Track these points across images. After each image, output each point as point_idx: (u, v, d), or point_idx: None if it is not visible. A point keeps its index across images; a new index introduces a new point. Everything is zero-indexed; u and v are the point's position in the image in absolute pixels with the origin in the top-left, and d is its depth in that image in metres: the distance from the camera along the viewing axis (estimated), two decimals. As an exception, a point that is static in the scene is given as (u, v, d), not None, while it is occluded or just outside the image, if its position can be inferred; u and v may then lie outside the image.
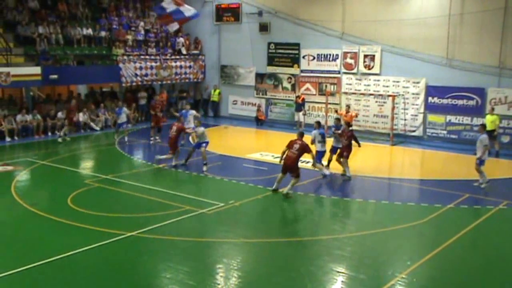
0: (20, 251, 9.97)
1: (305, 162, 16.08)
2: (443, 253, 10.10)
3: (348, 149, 15.63)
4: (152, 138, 20.92)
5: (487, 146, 14.53)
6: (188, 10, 23.83)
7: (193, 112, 19.84)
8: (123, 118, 21.23)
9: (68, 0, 25.88)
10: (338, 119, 17.47)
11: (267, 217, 12.59)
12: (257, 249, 10.48)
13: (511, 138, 19.99)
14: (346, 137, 15.61)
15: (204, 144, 16.44)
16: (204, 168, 15.98)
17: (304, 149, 13.70)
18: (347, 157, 15.53)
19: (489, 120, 18.63)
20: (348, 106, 22.12)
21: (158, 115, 21.05)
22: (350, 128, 16.75)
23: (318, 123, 16.18)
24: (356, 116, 21.91)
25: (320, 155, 15.58)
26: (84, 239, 10.29)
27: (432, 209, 12.63)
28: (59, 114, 22.50)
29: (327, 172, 15.74)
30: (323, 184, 15.24)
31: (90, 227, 11.02)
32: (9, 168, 16.51)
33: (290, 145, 13.78)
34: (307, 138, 14.77)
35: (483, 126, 15.82)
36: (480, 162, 14.57)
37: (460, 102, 21.00)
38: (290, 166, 13.70)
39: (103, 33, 25.34)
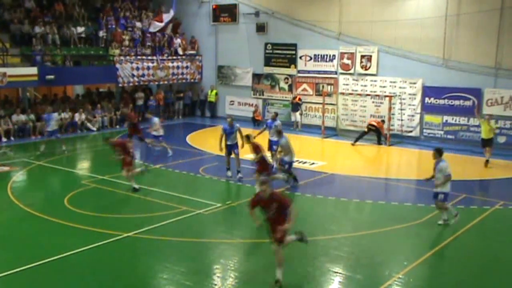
0: (16, 252, 9.95)
1: (302, 162, 16.07)
2: (440, 254, 10.13)
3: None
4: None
5: (449, 176, 11.45)
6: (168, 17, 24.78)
7: (279, 123, 16.73)
8: (53, 126, 19.04)
9: (65, 0, 25.86)
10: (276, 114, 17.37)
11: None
12: (254, 249, 10.48)
13: (507, 139, 20.03)
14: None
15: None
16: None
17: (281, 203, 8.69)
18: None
19: (487, 129, 17.34)
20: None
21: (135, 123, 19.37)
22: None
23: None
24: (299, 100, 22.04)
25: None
26: (81, 240, 10.27)
27: (428, 209, 12.64)
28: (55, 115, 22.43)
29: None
30: (319, 185, 15.24)
31: (86, 228, 11.00)
32: (5, 168, 16.47)
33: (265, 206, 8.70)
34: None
35: (438, 151, 11.87)
36: (445, 197, 11.54)
37: (456, 102, 21.05)
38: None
39: (100, 33, 25.31)
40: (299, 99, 24.58)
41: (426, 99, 21.72)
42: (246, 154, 15.80)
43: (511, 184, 15.68)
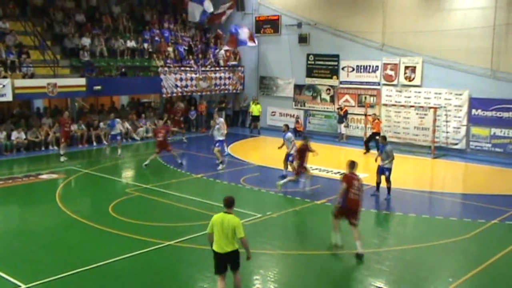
0: (62, 258, 10.25)
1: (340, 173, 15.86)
2: (487, 271, 9.77)
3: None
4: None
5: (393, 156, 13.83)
6: (244, 35, 25.56)
7: (289, 135, 17.15)
8: (116, 130, 20.33)
9: (113, 14, 26.70)
10: (384, 137, 15.33)
11: (304, 229, 12.50)
12: (293, 261, 10.41)
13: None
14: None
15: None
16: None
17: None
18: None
19: None
20: (374, 114, 21.82)
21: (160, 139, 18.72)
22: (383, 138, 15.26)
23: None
24: (380, 122, 21.48)
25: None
26: (124, 247, 10.49)
27: (475, 224, 12.26)
28: (101, 125, 23.13)
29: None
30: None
31: (130, 235, 11.22)
32: (54, 176, 17.04)
33: (350, 183, 10.29)
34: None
35: (383, 138, 14.89)
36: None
37: (505, 114, 20.37)
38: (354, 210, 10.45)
39: (145, 45, 25.96)
40: (345, 111, 24.38)
41: (473, 110, 21.13)
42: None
43: None
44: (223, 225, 7.97)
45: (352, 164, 10.76)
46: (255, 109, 26.95)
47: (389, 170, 14.59)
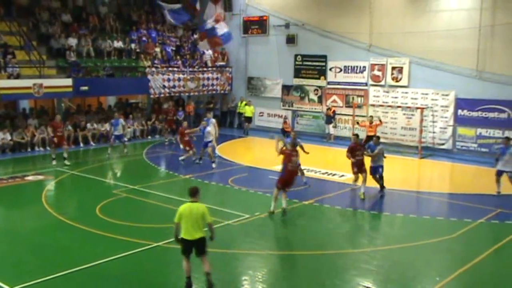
0: (49, 259, 10.15)
1: (331, 174, 15.98)
2: (474, 270, 9.85)
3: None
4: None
5: None
6: (222, 28, 25.01)
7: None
8: (119, 130, 20.26)
9: (100, 14, 26.53)
10: (356, 135, 15.89)
11: (293, 230, 12.52)
12: (282, 261, 10.43)
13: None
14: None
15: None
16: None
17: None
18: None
19: None
20: (371, 117, 21.93)
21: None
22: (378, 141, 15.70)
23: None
24: (381, 124, 21.66)
25: None
26: (111, 249, 10.42)
27: (462, 224, 12.37)
28: (88, 125, 22.99)
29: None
30: (349, 197, 15.09)
31: (117, 237, 11.16)
32: (40, 177, 16.88)
33: (288, 158, 12.90)
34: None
35: (508, 138, 15.48)
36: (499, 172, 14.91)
37: (491, 115, 20.59)
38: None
39: (133, 46, 25.83)
40: (333, 111, 24.46)
41: (459, 111, 21.33)
42: (274, 165, 15.78)
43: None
44: (191, 214, 8.51)
45: (293, 144, 13.76)
46: (248, 110, 26.90)
47: (382, 167, 14.97)
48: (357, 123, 22.64)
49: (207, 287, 8.63)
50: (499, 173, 15.00)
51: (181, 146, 19.75)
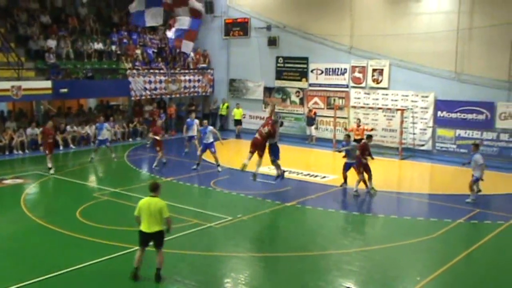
0: (29, 264, 10.00)
1: (313, 176, 16.07)
2: (454, 269, 9.99)
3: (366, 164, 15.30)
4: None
5: (482, 165, 14.41)
6: (184, 23, 23.61)
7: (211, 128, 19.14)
8: (104, 135, 19.86)
9: (79, 15, 26.25)
10: (348, 136, 16.82)
11: (275, 231, 12.54)
12: (265, 263, 10.43)
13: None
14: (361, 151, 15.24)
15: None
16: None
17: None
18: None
19: None
20: (358, 120, 22.10)
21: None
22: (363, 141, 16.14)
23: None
24: (370, 130, 21.71)
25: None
26: (92, 252, 10.30)
27: (441, 224, 12.52)
28: (68, 128, 22.72)
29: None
30: (331, 198, 15.17)
31: (98, 240, 11.04)
32: (19, 181, 16.62)
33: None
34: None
35: (476, 145, 15.08)
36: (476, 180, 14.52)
37: (469, 116, 20.91)
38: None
39: (113, 48, 25.61)
40: (314, 113, 24.57)
41: (439, 112, 21.61)
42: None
43: (525, 198, 15.48)
44: (150, 208, 8.92)
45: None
46: (237, 113, 26.77)
47: (353, 164, 15.57)
48: (345, 128, 22.65)
49: (155, 280, 9.03)
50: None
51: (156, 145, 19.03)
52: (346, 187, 15.84)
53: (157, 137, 18.62)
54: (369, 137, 16.19)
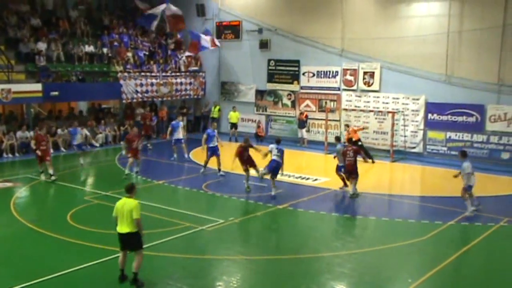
0: (19, 268, 9.92)
1: (305, 178, 16.10)
2: (445, 271, 10.04)
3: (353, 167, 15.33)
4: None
5: (469, 174, 13.43)
6: (205, 41, 25.04)
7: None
8: (78, 140, 19.46)
9: (70, 18, 26.13)
10: (337, 138, 17.06)
11: (267, 234, 12.53)
12: (257, 266, 10.41)
13: (511, 155, 19.96)
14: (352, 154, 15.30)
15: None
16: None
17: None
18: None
19: None
20: (346, 125, 22.14)
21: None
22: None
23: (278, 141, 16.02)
24: (362, 129, 21.90)
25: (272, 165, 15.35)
26: (83, 256, 10.24)
27: (432, 226, 12.58)
28: (59, 131, 22.59)
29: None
30: (323, 201, 15.19)
31: (89, 244, 10.97)
32: (9, 184, 16.49)
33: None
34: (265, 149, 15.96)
35: (463, 152, 14.08)
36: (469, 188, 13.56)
37: (460, 118, 21.04)
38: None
39: (104, 50, 25.51)
40: (306, 116, 24.62)
41: (429, 115, 21.73)
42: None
43: (515, 200, 15.59)
44: (123, 208, 8.92)
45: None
46: (233, 116, 26.51)
47: (344, 167, 15.62)
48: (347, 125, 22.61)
49: (130, 284, 8.96)
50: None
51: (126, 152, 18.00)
52: (344, 189, 15.85)
53: (132, 145, 17.41)
54: (352, 141, 16.08)
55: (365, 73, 23.20)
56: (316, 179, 17.54)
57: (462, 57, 20.89)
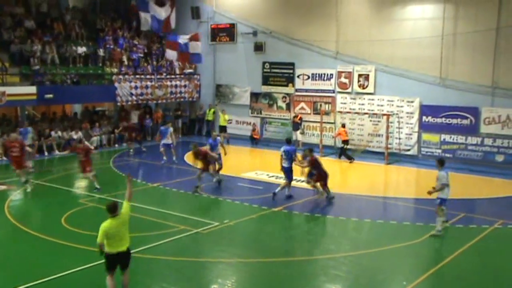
0: (12, 271, 9.86)
1: (300, 180, 16.09)
2: (439, 273, 10.06)
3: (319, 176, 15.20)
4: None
5: (444, 185, 12.15)
6: (194, 48, 25.10)
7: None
8: (28, 140, 19.18)
9: (65, 20, 26.07)
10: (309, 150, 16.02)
11: (262, 237, 12.52)
12: (252, 269, 10.39)
13: (505, 157, 20.05)
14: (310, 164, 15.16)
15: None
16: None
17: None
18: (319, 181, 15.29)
19: None
20: (343, 125, 22.26)
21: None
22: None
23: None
24: (343, 126, 22.17)
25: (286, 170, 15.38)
26: (77, 259, 10.20)
27: (427, 228, 12.59)
28: (53, 133, 22.50)
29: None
30: (318, 204, 15.19)
31: (84, 247, 10.92)
32: (3, 187, 16.40)
33: None
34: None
35: (440, 161, 12.65)
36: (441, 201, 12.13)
37: (454, 121, 21.12)
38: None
39: (99, 52, 25.45)
40: (300, 118, 24.64)
41: (424, 117, 21.80)
42: (243, 173, 15.74)
43: (509, 203, 15.64)
44: (118, 226, 8.51)
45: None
46: (221, 119, 26.48)
47: (314, 174, 15.34)
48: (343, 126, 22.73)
49: None
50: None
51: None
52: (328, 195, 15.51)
53: (88, 158, 16.20)
54: (310, 150, 15.72)
55: (359, 75, 23.25)
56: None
57: (457, 59, 20.98)
